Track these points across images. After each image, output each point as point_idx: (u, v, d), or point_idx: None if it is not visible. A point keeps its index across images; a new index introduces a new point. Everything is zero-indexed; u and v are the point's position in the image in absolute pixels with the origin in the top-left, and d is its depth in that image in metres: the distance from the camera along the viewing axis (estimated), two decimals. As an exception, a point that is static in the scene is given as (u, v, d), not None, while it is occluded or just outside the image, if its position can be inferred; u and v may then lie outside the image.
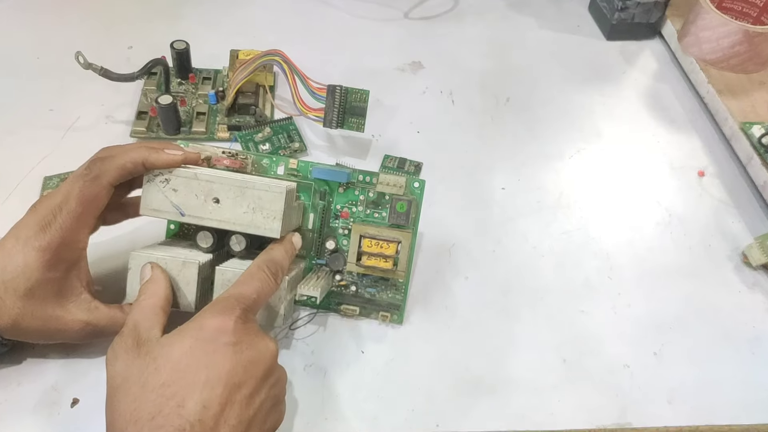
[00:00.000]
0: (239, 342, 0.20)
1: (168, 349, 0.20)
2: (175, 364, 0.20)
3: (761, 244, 0.32)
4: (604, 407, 0.27)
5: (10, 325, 0.23)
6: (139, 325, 0.21)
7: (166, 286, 0.23)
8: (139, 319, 0.21)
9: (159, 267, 0.24)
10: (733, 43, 0.39)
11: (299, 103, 0.34)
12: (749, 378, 0.28)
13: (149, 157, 0.24)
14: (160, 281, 0.23)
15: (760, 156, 0.35)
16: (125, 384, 0.20)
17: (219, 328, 0.20)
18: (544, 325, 0.29)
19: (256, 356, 0.21)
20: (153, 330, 0.21)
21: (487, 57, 0.43)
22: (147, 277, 0.24)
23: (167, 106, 0.33)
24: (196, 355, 0.20)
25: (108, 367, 0.21)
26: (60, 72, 0.38)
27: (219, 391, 0.19)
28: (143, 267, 0.24)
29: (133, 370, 0.20)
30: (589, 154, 0.38)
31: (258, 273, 0.23)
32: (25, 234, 0.23)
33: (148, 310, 0.22)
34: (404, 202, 0.27)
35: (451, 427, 0.26)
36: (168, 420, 0.18)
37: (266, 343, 0.22)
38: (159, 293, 0.23)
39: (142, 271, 0.24)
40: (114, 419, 0.19)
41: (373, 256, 0.26)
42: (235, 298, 0.22)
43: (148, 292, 0.23)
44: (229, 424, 0.19)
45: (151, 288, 0.23)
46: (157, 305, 0.22)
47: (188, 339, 0.20)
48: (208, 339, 0.20)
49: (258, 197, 0.24)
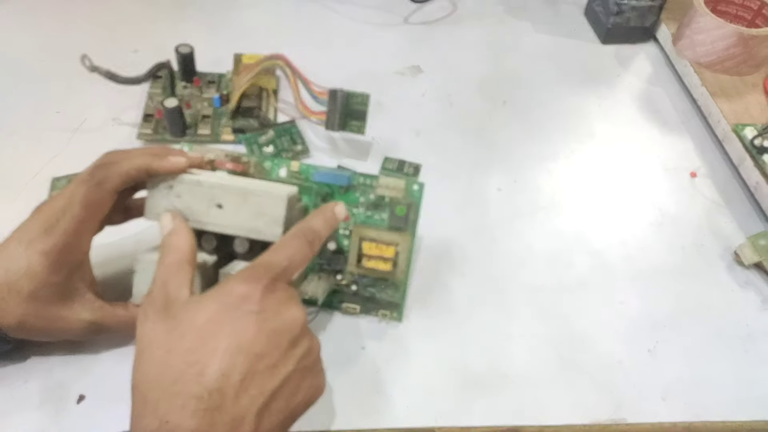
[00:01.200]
0: (263, 310, 0.20)
1: (193, 314, 0.20)
2: (198, 330, 0.19)
3: (753, 243, 0.32)
4: (599, 403, 0.27)
5: (16, 325, 0.23)
6: (167, 283, 0.21)
7: (190, 236, 0.22)
8: (167, 277, 0.21)
9: (179, 216, 0.23)
10: (727, 45, 0.39)
11: (301, 107, 0.35)
12: (742, 375, 0.28)
13: (153, 164, 0.24)
14: (182, 232, 0.22)
15: (752, 157, 0.36)
16: (151, 346, 0.19)
17: (244, 295, 0.20)
18: (539, 323, 0.30)
19: (280, 326, 0.20)
20: (181, 288, 0.21)
21: (484, 61, 0.44)
22: (168, 228, 0.23)
23: (173, 108, 0.34)
24: (219, 322, 0.19)
25: (138, 327, 0.20)
26: (66, 75, 0.38)
27: (240, 359, 0.19)
28: (163, 217, 0.23)
29: (160, 332, 0.19)
30: (583, 156, 0.38)
31: (292, 240, 0.22)
32: (29, 236, 0.23)
33: (175, 267, 0.21)
34: (403, 206, 0.27)
35: (449, 422, 0.26)
36: (187, 387, 0.18)
37: (293, 312, 0.21)
38: (183, 246, 0.22)
39: (162, 221, 0.23)
40: (138, 381, 0.19)
41: (373, 258, 0.27)
42: (264, 266, 0.21)
43: (172, 246, 0.22)
44: (250, 394, 0.19)
45: (174, 241, 0.22)
46: (183, 260, 0.22)
47: (213, 304, 0.20)
48: (233, 306, 0.20)
49: (260, 203, 0.24)
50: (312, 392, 0.21)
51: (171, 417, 0.18)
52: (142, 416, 0.19)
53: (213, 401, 0.18)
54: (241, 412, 0.18)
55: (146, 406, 0.19)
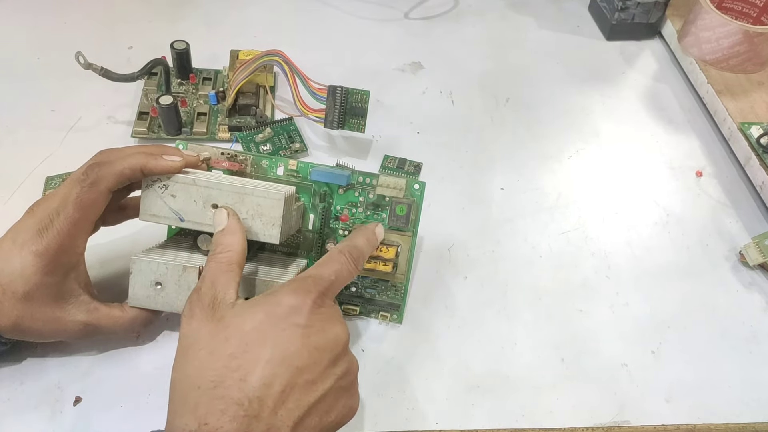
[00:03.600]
0: (310, 326, 0.20)
1: (240, 320, 0.20)
2: (244, 336, 0.19)
3: (758, 244, 0.32)
4: (602, 405, 0.27)
5: (11, 326, 0.23)
6: (216, 282, 0.21)
7: (243, 238, 0.23)
8: (216, 275, 0.21)
9: (235, 215, 0.23)
10: (733, 43, 0.39)
11: (300, 104, 0.34)
12: (746, 376, 0.28)
13: (147, 163, 0.23)
14: (236, 233, 0.22)
15: (758, 156, 0.35)
16: (195, 346, 0.19)
17: (293, 307, 0.20)
18: (542, 325, 0.29)
19: (324, 343, 0.20)
20: (229, 290, 0.21)
21: (486, 57, 0.43)
22: (222, 225, 0.23)
23: (168, 106, 0.34)
24: (265, 331, 0.19)
25: (183, 323, 0.20)
26: (61, 72, 0.38)
27: (282, 371, 0.19)
28: (217, 212, 0.23)
29: (204, 333, 0.20)
30: (587, 154, 0.38)
31: (339, 257, 0.23)
32: (23, 237, 0.23)
33: (225, 266, 0.21)
34: (404, 205, 0.27)
35: (450, 425, 0.26)
36: (229, 392, 0.18)
37: (337, 331, 0.21)
38: (235, 247, 0.22)
39: (216, 216, 0.23)
40: (179, 379, 0.19)
41: (373, 260, 0.26)
42: (313, 279, 0.21)
43: (225, 244, 0.22)
44: (288, 407, 0.19)
45: (228, 241, 0.22)
46: (233, 260, 0.22)
47: (261, 313, 0.20)
48: (280, 317, 0.20)
49: (257, 204, 0.24)
50: (345, 412, 0.21)
51: (210, 419, 0.18)
52: (180, 414, 0.18)
53: (252, 409, 0.18)
54: (277, 423, 0.19)
55: (185, 405, 0.19)
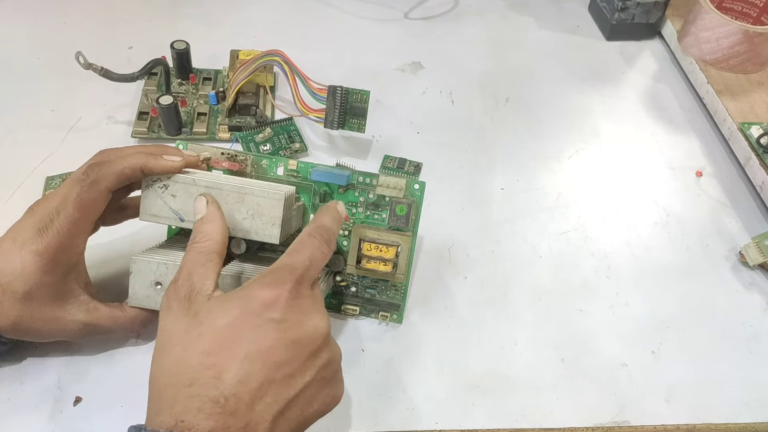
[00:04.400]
0: (285, 320, 0.20)
1: (215, 315, 0.19)
2: (218, 333, 0.19)
3: (758, 244, 0.32)
4: (602, 405, 0.27)
5: (10, 326, 0.23)
6: (193, 273, 0.20)
7: (223, 226, 0.22)
8: (194, 266, 0.21)
9: (215, 202, 0.23)
10: (732, 43, 0.39)
11: (300, 104, 0.34)
12: (746, 376, 0.28)
13: (147, 163, 0.23)
14: (215, 220, 0.22)
15: (758, 156, 0.35)
16: (171, 341, 0.19)
17: (267, 302, 0.20)
18: (542, 325, 0.29)
19: (301, 336, 0.20)
20: (207, 281, 0.20)
21: (486, 57, 0.43)
22: (201, 213, 0.22)
23: (168, 106, 0.34)
24: (239, 328, 0.19)
25: (161, 316, 0.20)
26: (61, 72, 0.38)
27: (257, 367, 0.19)
28: (197, 200, 0.23)
29: (180, 328, 0.19)
30: (587, 155, 0.38)
31: (310, 240, 0.22)
32: (22, 237, 0.23)
33: (204, 256, 0.21)
34: (404, 205, 0.27)
35: (450, 425, 0.26)
36: (204, 390, 0.18)
37: (315, 322, 0.20)
38: (214, 235, 0.22)
39: (196, 204, 0.23)
40: (156, 375, 0.19)
41: (373, 260, 0.26)
42: (287, 269, 0.21)
43: (204, 232, 0.22)
44: (266, 401, 0.19)
45: (207, 229, 0.22)
46: (212, 250, 0.21)
47: (235, 309, 0.19)
48: (255, 312, 0.19)
49: (257, 203, 0.24)
50: (329, 401, 0.21)
51: (187, 417, 0.18)
52: (157, 411, 0.18)
53: (229, 406, 0.18)
54: (255, 418, 0.18)
55: (162, 402, 0.18)
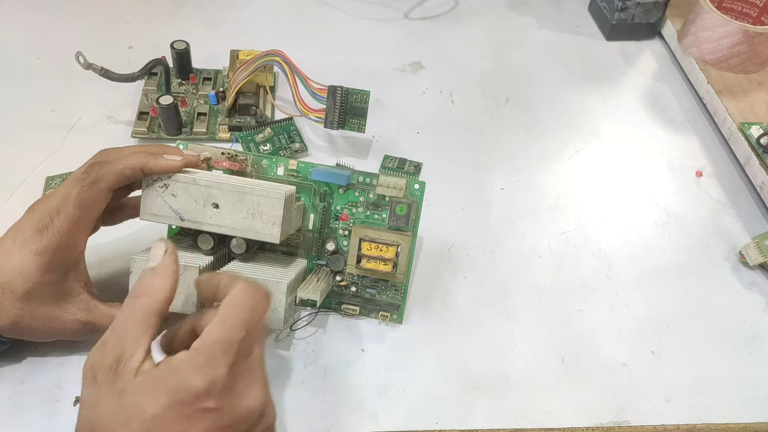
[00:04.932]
0: (219, 408, 0.18)
1: (142, 401, 0.18)
2: (145, 424, 0.17)
3: (758, 244, 0.32)
4: (602, 405, 0.27)
5: (10, 325, 0.23)
6: (125, 336, 0.19)
7: (174, 282, 0.20)
8: (126, 326, 0.19)
9: (174, 253, 0.21)
10: (732, 43, 0.39)
11: (300, 104, 0.34)
12: (746, 376, 0.28)
13: (148, 163, 0.23)
14: (167, 275, 0.20)
15: (758, 156, 0.35)
16: (94, 422, 0.18)
17: (199, 392, 0.18)
18: (542, 325, 0.29)
19: (236, 419, 0.19)
20: (139, 348, 0.19)
21: (487, 57, 0.43)
22: (154, 262, 0.20)
23: (168, 106, 0.34)
24: (168, 421, 0.17)
25: (83, 383, 0.19)
26: (61, 72, 0.38)
27: None
28: (155, 245, 0.21)
29: (103, 409, 0.18)
30: (587, 155, 0.38)
31: (244, 301, 0.20)
32: (23, 236, 0.23)
33: (140, 316, 0.19)
34: (404, 205, 0.27)
35: (450, 425, 0.26)
36: None
37: (250, 402, 0.19)
38: (161, 293, 0.20)
39: (153, 249, 0.21)
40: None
41: (373, 259, 0.26)
42: (221, 347, 0.18)
43: (150, 287, 0.20)
44: None
45: (154, 284, 0.20)
46: (153, 310, 0.19)
47: (164, 396, 0.18)
48: (186, 402, 0.18)
49: (257, 203, 0.24)
50: None
51: None
52: None
53: None
54: None
55: None
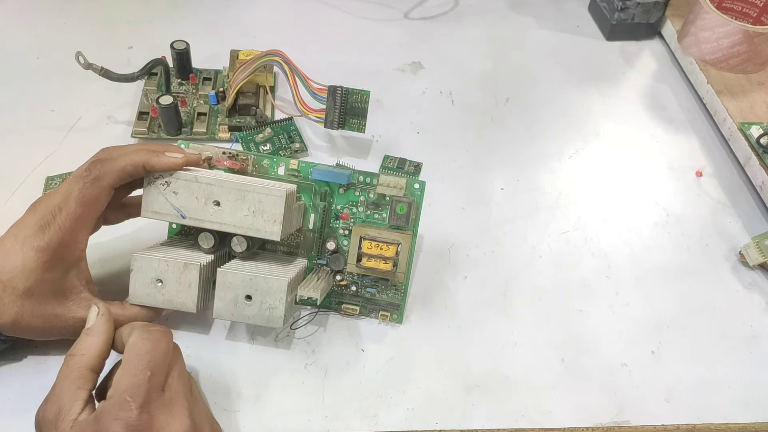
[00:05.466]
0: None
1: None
2: None
3: (758, 244, 0.32)
4: (602, 405, 0.27)
5: (10, 323, 0.23)
6: (62, 393, 0.20)
7: (105, 342, 0.22)
8: (63, 385, 0.21)
9: (106, 314, 0.23)
10: (732, 43, 0.39)
11: (300, 104, 0.34)
12: (746, 377, 0.28)
13: (150, 160, 0.24)
14: (99, 335, 0.22)
15: (758, 156, 0.35)
16: None
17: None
18: (542, 325, 0.29)
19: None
20: (75, 402, 0.20)
21: (487, 57, 0.43)
22: (89, 324, 0.22)
23: (168, 106, 0.34)
24: None
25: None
26: (61, 72, 0.38)
27: None
28: (90, 309, 0.23)
29: None
30: (587, 155, 0.38)
31: (142, 343, 0.21)
32: (24, 234, 0.23)
33: (75, 373, 0.21)
34: (404, 204, 0.27)
35: (450, 425, 0.26)
36: None
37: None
38: (92, 351, 0.22)
39: (89, 314, 0.23)
40: None
41: (373, 258, 0.26)
42: (129, 393, 0.20)
43: (83, 346, 0.22)
44: None
45: (88, 343, 0.22)
46: (87, 366, 0.21)
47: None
48: None
49: (258, 200, 0.24)
50: None
51: None
52: None
53: None
54: None
55: None
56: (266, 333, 0.28)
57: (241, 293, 0.24)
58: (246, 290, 0.24)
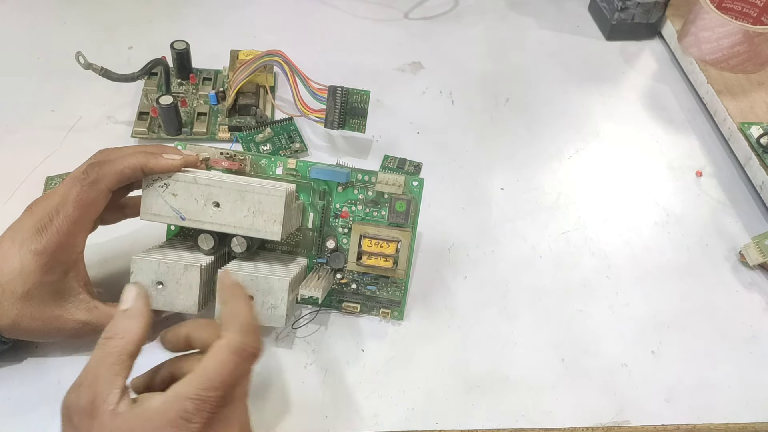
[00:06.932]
0: None
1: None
2: None
3: (758, 244, 0.32)
4: (602, 405, 0.27)
5: (10, 325, 0.23)
6: (98, 379, 0.19)
7: (145, 325, 0.20)
8: (99, 370, 0.19)
9: (145, 297, 0.21)
10: (732, 43, 0.39)
11: (300, 104, 0.34)
12: (746, 377, 0.28)
13: (148, 162, 0.24)
14: (138, 318, 0.20)
15: (758, 156, 0.35)
16: None
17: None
18: (542, 325, 0.29)
19: None
20: (113, 390, 0.19)
21: (486, 57, 0.43)
22: (126, 305, 0.21)
23: (168, 106, 0.34)
24: None
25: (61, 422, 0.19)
26: (61, 72, 0.38)
27: None
28: (126, 288, 0.21)
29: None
30: (587, 155, 0.38)
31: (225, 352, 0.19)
32: (21, 236, 0.23)
33: (113, 358, 0.19)
34: (403, 201, 0.27)
35: (450, 425, 0.26)
36: None
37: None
38: (132, 336, 0.20)
39: (124, 292, 0.21)
40: None
41: (374, 256, 0.26)
42: (194, 403, 0.18)
43: (121, 329, 0.20)
44: None
45: (125, 326, 0.20)
46: (126, 351, 0.20)
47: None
48: None
49: (258, 201, 0.24)
50: None
51: None
52: None
53: None
54: None
55: None
56: (267, 332, 0.28)
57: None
58: (247, 290, 0.24)
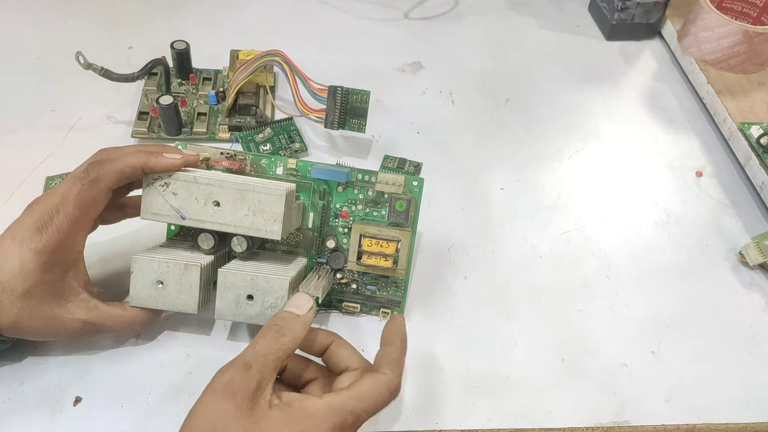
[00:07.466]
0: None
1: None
2: None
3: (758, 244, 0.32)
4: (602, 405, 0.27)
5: (10, 325, 0.23)
6: (266, 366, 0.20)
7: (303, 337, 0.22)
8: (269, 357, 0.20)
9: (314, 311, 0.23)
10: (732, 43, 0.39)
11: (300, 104, 0.34)
12: (746, 377, 0.28)
13: (148, 161, 0.24)
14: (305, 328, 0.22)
15: (758, 156, 0.35)
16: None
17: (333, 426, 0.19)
18: (542, 325, 0.29)
19: None
20: (271, 381, 0.20)
21: (486, 57, 0.43)
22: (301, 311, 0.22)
23: (168, 106, 0.34)
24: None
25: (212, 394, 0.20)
26: (61, 72, 0.38)
27: None
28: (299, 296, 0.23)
29: (233, 428, 0.19)
30: (587, 155, 0.38)
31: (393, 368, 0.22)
32: (21, 235, 0.23)
33: (281, 352, 0.21)
34: (403, 201, 0.27)
35: (450, 425, 0.26)
36: None
37: None
38: (297, 340, 0.22)
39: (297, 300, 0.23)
40: None
41: (374, 255, 0.26)
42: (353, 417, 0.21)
43: (292, 328, 0.22)
44: None
45: (297, 329, 0.22)
46: (290, 350, 0.21)
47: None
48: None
49: (258, 200, 0.24)
50: None
51: None
52: None
53: None
54: None
55: None
56: None
57: (243, 293, 0.24)
58: (248, 290, 0.24)
